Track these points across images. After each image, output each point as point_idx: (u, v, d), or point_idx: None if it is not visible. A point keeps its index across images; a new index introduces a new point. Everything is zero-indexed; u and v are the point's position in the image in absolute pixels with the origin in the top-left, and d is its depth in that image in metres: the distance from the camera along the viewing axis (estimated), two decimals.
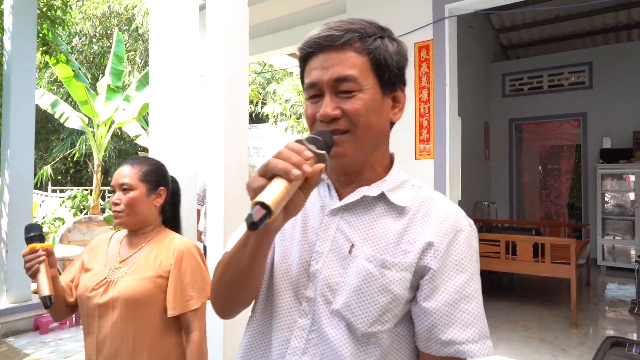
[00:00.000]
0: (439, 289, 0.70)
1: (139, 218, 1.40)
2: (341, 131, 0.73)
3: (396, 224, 0.75)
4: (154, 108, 2.59)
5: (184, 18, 2.59)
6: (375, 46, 0.74)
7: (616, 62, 6.76)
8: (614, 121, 6.75)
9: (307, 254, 0.78)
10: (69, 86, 7.50)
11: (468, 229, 0.74)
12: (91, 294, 1.32)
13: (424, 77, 3.94)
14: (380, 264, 0.72)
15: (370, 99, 0.73)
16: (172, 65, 2.56)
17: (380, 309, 0.70)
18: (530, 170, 8.04)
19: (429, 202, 0.77)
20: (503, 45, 8.23)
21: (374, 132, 0.75)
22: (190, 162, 2.63)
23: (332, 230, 0.77)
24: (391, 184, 0.78)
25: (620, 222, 6.55)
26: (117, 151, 12.28)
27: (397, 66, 0.76)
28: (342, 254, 0.75)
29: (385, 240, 0.74)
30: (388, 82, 0.76)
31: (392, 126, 0.82)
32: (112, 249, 1.44)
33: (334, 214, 0.79)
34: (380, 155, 0.80)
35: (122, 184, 1.38)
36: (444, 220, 0.73)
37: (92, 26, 11.52)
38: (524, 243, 4.19)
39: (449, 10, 3.86)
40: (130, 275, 1.33)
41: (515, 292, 5.56)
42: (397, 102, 0.79)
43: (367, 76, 0.73)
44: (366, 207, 0.78)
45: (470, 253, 0.73)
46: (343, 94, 0.73)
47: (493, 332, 3.89)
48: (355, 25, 0.74)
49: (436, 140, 3.87)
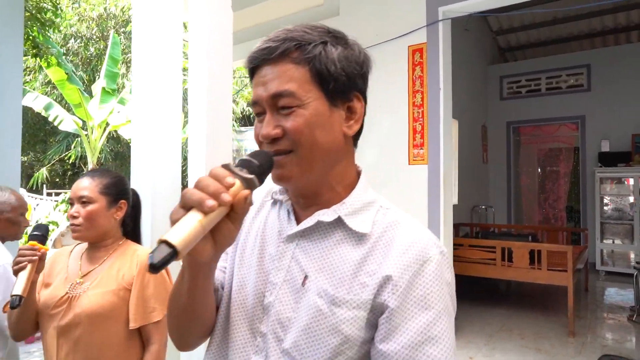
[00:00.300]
0: (399, 329, 0.61)
1: (99, 232, 1.36)
2: (284, 151, 0.66)
3: (355, 253, 0.67)
4: (137, 113, 2.51)
5: (167, 22, 2.52)
6: (315, 54, 0.66)
7: (615, 65, 6.69)
8: (612, 124, 6.68)
9: (262, 284, 0.72)
10: (62, 89, 7.45)
11: (438, 258, 0.65)
12: (53, 311, 1.29)
13: (418, 80, 3.87)
14: (330, 300, 0.64)
15: (312, 114, 0.65)
16: (155, 67, 2.49)
17: (330, 352, 0.63)
18: (528, 173, 7.97)
19: (394, 227, 0.68)
20: (501, 47, 8.17)
21: (323, 150, 0.67)
22: (174, 166, 2.56)
23: (287, 259, 0.71)
24: (351, 207, 0.70)
25: (619, 226, 6.47)
26: (113, 154, 12.22)
27: (345, 73, 0.67)
28: (295, 286, 0.68)
29: (342, 271, 0.66)
30: (335, 92, 0.67)
31: (355, 140, 0.74)
32: (72, 263, 1.39)
33: (290, 241, 0.72)
34: (339, 173, 0.72)
35: (81, 197, 1.33)
36: (408, 249, 0.64)
37: (87, 28, 11.47)
38: (520, 250, 4.11)
39: (443, 13, 3.78)
40: (92, 290, 1.30)
41: (511, 298, 5.48)
42: (353, 113, 0.70)
43: (307, 89, 0.66)
44: (323, 233, 0.70)
45: (438, 287, 0.63)
46: (283, 110, 0.66)
47: (488, 340, 3.81)
48: (294, 33, 0.67)
49: (430, 145, 3.80)
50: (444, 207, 3.73)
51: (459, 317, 4.18)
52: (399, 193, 3.98)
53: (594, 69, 6.86)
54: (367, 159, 4.23)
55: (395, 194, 4.00)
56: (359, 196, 0.71)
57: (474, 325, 4.18)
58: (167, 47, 2.51)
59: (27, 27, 4.68)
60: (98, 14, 11.50)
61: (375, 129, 4.17)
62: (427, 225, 3.78)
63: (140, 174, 2.41)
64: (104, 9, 11.52)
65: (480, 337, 3.88)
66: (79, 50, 11.70)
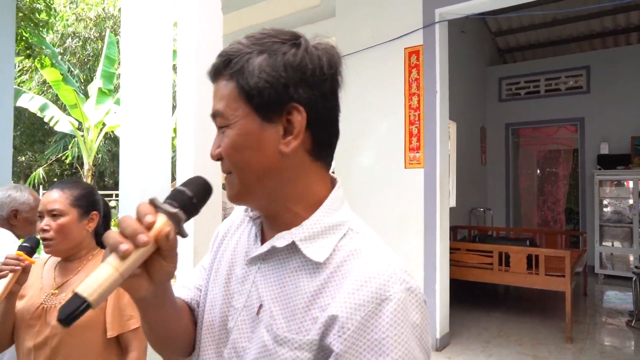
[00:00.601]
0: None
1: (71, 245, 1.33)
2: (227, 172, 0.64)
3: (310, 284, 0.60)
4: (126, 115, 2.47)
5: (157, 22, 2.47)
6: (239, 67, 0.60)
7: (614, 67, 6.64)
8: (612, 126, 6.62)
9: (227, 306, 0.69)
10: (58, 90, 7.41)
11: (400, 297, 0.55)
12: (30, 322, 1.27)
13: (414, 83, 3.82)
14: (274, 337, 0.59)
15: (238, 134, 0.60)
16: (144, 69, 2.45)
17: None
18: (527, 175, 7.92)
19: (354, 256, 0.59)
20: (500, 48, 8.12)
21: (255, 171, 0.61)
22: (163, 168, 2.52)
23: (249, 283, 0.66)
24: (308, 231, 0.62)
25: (618, 229, 6.42)
26: (110, 154, 12.17)
27: (270, 84, 0.59)
28: (252, 314, 0.64)
29: (295, 304, 0.60)
30: (263, 106, 0.60)
31: (320, 152, 0.65)
32: (47, 274, 1.37)
33: (252, 263, 0.67)
34: (296, 192, 0.63)
35: (52, 210, 1.29)
36: (363, 285, 0.55)
37: (85, 28, 11.42)
38: (518, 254, 4.06)
39: (439, 15, 3.74)
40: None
41: (508, 302, 5.43)
42: (292, 126, 0.61)
43: (235, 107, 0.61)
44: (281, 259, 0.64)
45: (399, 331, 0.53)
46: (220, 130, 0.63)
47: (485, 347, 3.77)
48: (233, 45, 0.62)
49: (426, 149, 3.75)
50: (440, 212, 3.69)
51: (455, 322, 4.14)
52: (394, 197, 3.93)
53: (594, 71, 6.81)
54: (362, 163, 4.18)
55: (391, 198, 3.95)
56: (322, 218, 0.63)
57: (471, 331, 4.14)
58: (156, 49, 2.46)
59: (20, 28, 4.63)
60: (96, 14, 11.45)
61: (371, 132, 4.12)
62: (423, 230, 3.73)
63: (128, 175, 2.38)
64: (102, 9, 11.47)
65: (477, 344, 3.83)
66: (76, 49, 11.65)
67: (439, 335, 3.67)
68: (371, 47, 4.10)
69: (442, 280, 3.72)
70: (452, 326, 3.94)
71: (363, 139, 4.17)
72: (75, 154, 10.48)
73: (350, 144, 4.26)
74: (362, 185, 4.16)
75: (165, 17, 2.50)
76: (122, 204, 2.48)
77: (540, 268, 3.93)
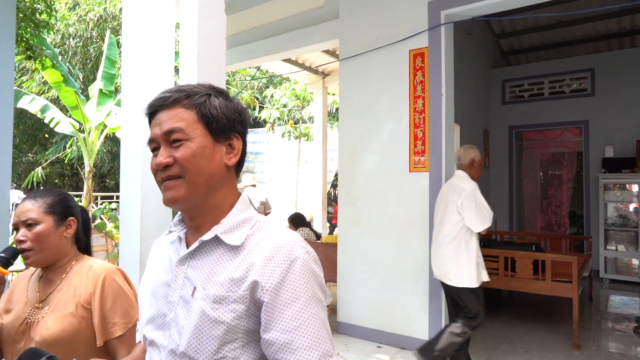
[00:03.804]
0: (275, 319, 0.75)
1: (50, 253, 1.31)
2: (174, 177, 0.81)
3: (232, 264, 0.80)
4: (126, 116, 2.41)
5: (159, 23, 2.42)
6: (201, 101, 0.84)
7: (619, 69, 6.58)
8: (616, 129, 6.56)
9: (163, 307, 0.86)
10: (58, 91, 7.36)
11: (303, 256, 0.79)
12: (16, 337, 1.26)
13: (419, 85, 3.77)
14: (212, 299, 0.78)
15: (198, 146, 0.82)
16: (146, 71, 2.39)
17: (217, 342, 0.76)
18: (530, 178, 7.86)
19: (265, 238, 0.82)
20: (503, 50, 8.06)
21: (206, 176, 0.83)
22: None
23: (180, 279, 0.85)
24: (226, 226, 0.84)
25: (624, 233, 6.36)
26: (110, 155, 12.12)
27: (226, 117, 0.85)
28: (187, 299, 0.82)
29: (223, 277, 0.80)
30: (218, 131, 0.84)
31: (237, 170, 0.90)
32: (31, 287, 1.36)
33: (181, 263, 0.86)
34: (220, 198, 0.86)
35: (26, 220, 1.28)
36: (275, 253, 0.78)
37: (86, 28, 11.38)
38: (524, 259, 4.00)
39: (445, 17, 3.69)
40: (50, 315, 1.26)
41: (513, 307, 5.37)
42: (232, 148, 0.87)
43: (194, 127, 0.82)
44: (207, 251, 0.84)
45: (306, 279, 0.78)
46: (174, 143, 0.82)
47: (491, 354, 3.70)
48: (184, 87, 0.86)
49: (431, 152, 3.69)
50: None
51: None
52: (399, 201, 3.87)
53: (598, 73, 6.76)
54: (366, 166, 4.13)
55: (396, 202, 3.90)
56: (234, 216, 0.85)
57: (475, 338, 4.06)
58: (157, 50, 2.41)
59: (20, 28, 4.58)
60: (96, 14, 11.41)
61: (375, 135, 4.07)
62: (429, 234, 3.67)
63: (129, 177, 2.33)
64: (103, 9, 11.44)
65: (483, 350, 3.77)
66: (77, 50, 11.62)
67: None
68: (375, 49, 4.04)
69: None
70: None
71: (367, 142, 4.12)
72: (75, 154, 10.43)
73: (354, 147, 4.20)
74: (366, 189, 4.10)
75: (167, 18, 2.46)
76: (123, 206, 2.43)
77: (547, 274, 3.87)
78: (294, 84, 10.36)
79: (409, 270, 3.80)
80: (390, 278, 3.90)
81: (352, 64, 4.22)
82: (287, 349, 0.74)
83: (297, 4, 4.80)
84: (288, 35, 5.12)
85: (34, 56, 4.90)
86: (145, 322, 0.91)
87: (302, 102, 10.77)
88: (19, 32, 4.58)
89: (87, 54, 11.69)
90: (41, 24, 4.77)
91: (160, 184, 0.84)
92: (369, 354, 3.68)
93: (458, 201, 2.97)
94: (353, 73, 4.22)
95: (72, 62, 11.34)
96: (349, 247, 4.20)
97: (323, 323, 0.77)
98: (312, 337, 0.74)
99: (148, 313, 0.90)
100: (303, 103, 10.83)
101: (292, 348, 0.73)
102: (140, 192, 2.31)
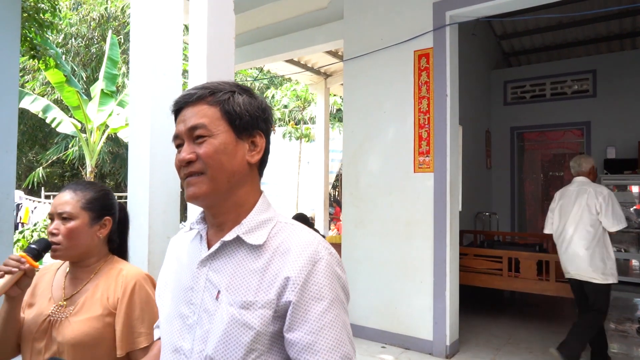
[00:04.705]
0: (299, 319, 0.76)
1: (79, 251, 1.25)
2: (196, 173, 0.82)
3: (256, 263, 0.81)
4: (134, 117, 2.41)
5: (168, 23, 2.42)
6: (225, 98, 0.84)
7: (621, 71, 6.60)
8: (618, 131, 6.58)
9: (184, 307, 0.86)
10: (61, 92, 7.36)
11: (327, 257, 0.80)
12: (35, 335, 1.20)
13: (424, 86, 3.78)
14: (240, 305, 0.78)
15: (220, 143, 0.82)
16: (154, 71, 2.39)
17: (245, 348, 0.76)
18: (532, 179, 7.87)
19: (289, 238, 0.82)
20: (505, 52, 8.08)
21: (228, 172, 0.82)
22: (172, 174, 2.46)
23: (202, 281, 0.84)
24: (247, 226, 0.83)
25: (625, 235, 6.36)
26: (111, 156, 12.11)
27: (249, 114, 0.85)
28: (211, 302, 0.82)
29: (248, 281, 0.80)
30: (241, 127, 0.84)
31: (260, 169, 0.90)
32: (57, 282, 1.29)
33: (203, 265, 0.85)
34: (242, 196, 0.86)
35: (62, 213, 1.22)
36: (302, 253, 0.79)
37: (88, 28, 11.38)
38: (528, 260, 4.01)
39: (450, 17, 3.69)
40: (75, 316, 1.20)
41: (515, 307, 5.38)
42: (255, 145, 0.87)
43: (218, 124, 0.83)
44: (229, 252, 0.84)
45: (330, 281, 0.79)
46: (197, 139, 0.82)
47: (495, 354, 3.71)
48: (209, 84, 0.87)
49: (436, 153, 3.70)
50: (451, 217, 3.64)
51: (463, 329, 4.08)
52: (404, 202, 3.88)
53: (600, 75, 6.77)
54: (370, 167, 4.13)
55: (400, 202, 3.90)
56: (255, 217, 0.85)
57: (479, 338, 4.08)
58: (165, 51, 2.42)
59: (24, 28, 4.58)
60: (99, 14, 11.40)
61: (380, 136, 4.07)
62: (433, 234, 3.68)
63: (137, 184, 2.32)
64: (104, 9, 11.43)
65: (487, 351, 3.77)
66: (79, 50, 11.61)
67: (448, 342, 3.61)
68: (380, 50, 4.05)
69: (452, 287, 3.66)
70: (460, 332, 3.88)
71: (372, 143, 4.13)
72: (76, 154, 10.41)
73: (359, 148, 4.21)
74: (370, 189, 4.11)
75: (175, 18, 2.46)
76: (131, 206, 2.43)
77: (551, 274, 3.88)
78: (295, 84, 10.37)
79: (413, 271, 3.80)
80: (394, 279, 3.90)
81: (357, 65, 4.23)
82: (309, 350, 0.75)
83: (301, 5, 4.80)
84: (291, 36, 5.13)
85: (38, 56, 4.90)
86: (163, 321, 0.90)
87: (303, 103, 10.78)
88: (23, 32, 4.58)
89: (88, 55, 11.69)
90: (45, 24, 4.77)
91: (183, 180, 0.83)
92: (373, 355, 3.68)
93: (596, 203, 3.25)
94: (357, 73, 4.22)
95: (74, 62, 11.33)
96: (353, 248, 4.21)
97: (344, 325, 0.78)
98: (334, 340, 0.75)
99: (166, 312, 0.90)
100: (304, 104, 10.84)
101: (315, 350, 0.74)
102: (148, 191, 2.31)
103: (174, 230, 2.33)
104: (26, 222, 9.14)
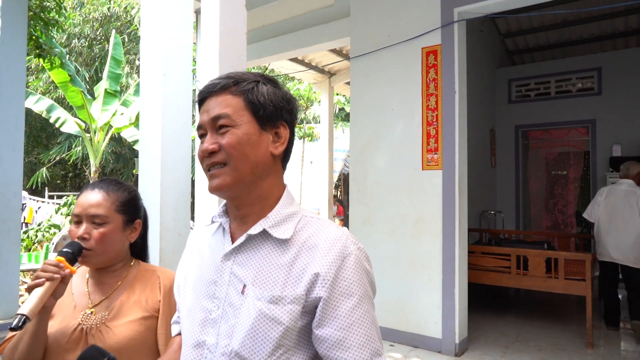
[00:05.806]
0: (330, 316, 0.75)
1: (110, 256, 1.17)
2: (219, 164, 0.81)
3: (283, 258, 0.79)
4: (145, 114, 2.40)
5: (178, 21, 2.41)
6: (249, 88, 0.83)
7: (626, 68, 6.57)
8: (624, 129, 6.56)
9: (208, 302, 0.84)
10: (65, 91, 7.36)
11: (356, 253, 0.79)
12: (67, 346, 1.10)
13: (432, 83, 3.76)
14: (268, 300, 0.76)
15: (244, 133, 0.80)
16: (165, 68, 2.38)
17: (273, 343, 0.75)
18: (537, 178, 7.85)
19: (317, 233, 0.80)
20: (509, 50, 8.06)
21: (251, 163, 0.81)
22: (183, 174, 2.45)
23: (226, 275, 0.83)
24: (274, 220, 0.82)
25: None
26: (114, 156, 12.10)
27: (273, 104, 0.83)
28: (236, 296, 0.80)
29: (275, 275, 0.78)
30: (265, 118, 0.83)
31: (284, 161, 0.88)
32: (77, 289, 1.20)
33: (227, 259, 0.84)
34: (266, 188, 0.84)
35: (94, 216, 1.13)
36: (330, 248, 0.77)
37: (91, 28, 11.38)
38: (536, 258, 3.99)
39: (458, 14, 3.68)
40: (113, 321, 1.13)
41: (523, 304, 5.36)
42: (279, 137, 0.86)
43: (241, 114, 0.81)
44: (254, 246, 0.82)
45: (359, 276, 0.78)
46: (220, 129, 0.81)
47: (504, 352, 3.69)
48: (233, 74, 0.85)
49: (444, 150, 3.69)
50: (459, 214, 3.62)
51: (472, 327, 4.06)
52: (412, 199, 3.87)
53: (605, 73, 6.75)
54: (378, 164, 4.12)
55: (408, 200, 3.89)
56: (281, 210, 0.84)
57: (488, 336, 4.06)
58: (176, 48, 2.41)
59: (30, 26, 4.57)
60: (102, 14, 11.40)
61: (388, 133, 4.06)
62: (442, 232, 3.67)
63: (148, 181, 2.31)
64: (107, 8, 11.43)
65: (496, 349, 3.76)
66: (82, 50, 11.61)
67: (457, 340, 3.59)
68: (387, 47, 4.04)
69: (461, 285, 3.65)
70: (469, 331, 3.87)
71: (379, 140, 4.11)
72: (79, 154, 10.41)
73: (366, 146, 4.20)
74: (378, 187, 4.09)
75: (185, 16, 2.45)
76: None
77: (560, 272, 3.86)
78: (299, 83, 10.36)
79: (421, 269, 3.79)
80: (402, 276, 3.89)
81: (364, 62, 4.21)
82: (340, 346, 0.74)
83: (307, 3, 4.79)
84: (297, 34, 5.12)
85: (43, 54, 4.88)
86: (184, 315, 0.88)
87: (306, 102, 10.77)
88: (29, 31, 4.57)
89: (91, 55, 11.69)
90: (51, 22, 4.75)
91: (207, 172, 0.82)
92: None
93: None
94: (364, 71, 4.21)
95: (77, 62, 11.33)
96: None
97: (373, 321, 0.78)
98: (364, 336, 0.75)
99: (187, 306, 0.88)
100: (307, 103, 10.83)
101: (345, 346, 0.74)
102: (159, 189, 2.30)
103: (185, 228, 2.33)
104: (30, 222, 9.14)
